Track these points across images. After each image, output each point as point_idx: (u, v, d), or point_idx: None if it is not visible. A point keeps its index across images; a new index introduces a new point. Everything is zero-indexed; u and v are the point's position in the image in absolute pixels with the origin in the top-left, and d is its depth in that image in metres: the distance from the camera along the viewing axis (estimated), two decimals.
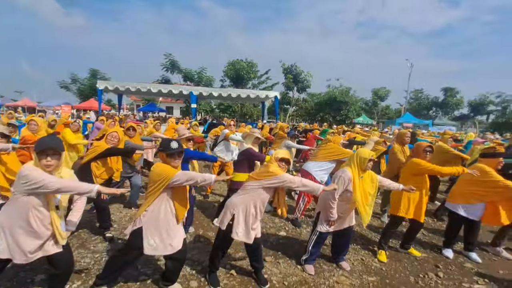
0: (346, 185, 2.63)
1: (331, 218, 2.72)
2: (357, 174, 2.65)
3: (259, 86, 34.11)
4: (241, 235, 2.46)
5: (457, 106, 30.81)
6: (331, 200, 2.67)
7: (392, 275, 2.95)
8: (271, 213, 4.70)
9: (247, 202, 2.45)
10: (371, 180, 2.74)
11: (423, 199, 3.07)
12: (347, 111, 28.39)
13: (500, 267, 3.20)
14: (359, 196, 2.62)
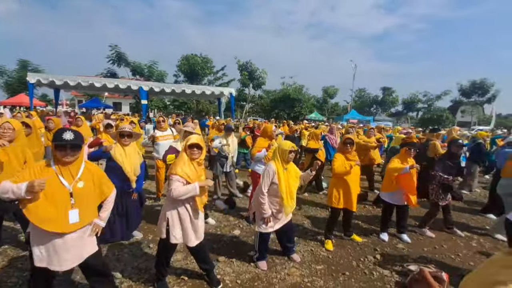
0: (272, 177, 2.72)
1: (265, 214, 2.76)
2: (281, 166, 2.76)
3: (215, 82, 33.59)
4: (179, 237, 2.37)
5: (393, 104, 34.71)
6: (260, 195, 2.74)
7: (337, 261, 3.18)
8: (226, 211, 4.67)
9: (176, 205, 2.34)
10: (295, 173, 2.89)
11: (352, 189, 3.35)
12: (300, 108, 29.72)
13: (425, 245, 3.70)
14: (284, 187, 2.72)
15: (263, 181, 2.79)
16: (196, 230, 2.42)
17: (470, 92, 31.19)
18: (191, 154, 2.35)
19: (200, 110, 35.10)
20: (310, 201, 5.40)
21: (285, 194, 2.77)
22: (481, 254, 3.52)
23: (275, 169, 2.78)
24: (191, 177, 2.30)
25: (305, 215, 4.61)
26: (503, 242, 3.86)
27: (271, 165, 2.81)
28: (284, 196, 2.77)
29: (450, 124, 30.17)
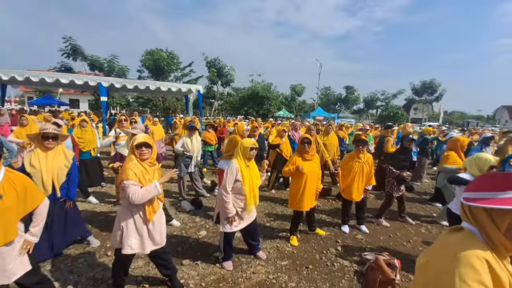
0: (235, 175, 2.73)
1: (229, 213, 2.74)
2: (243, 163, 2.78)
3: (183, 79, 32.61)
4: (136, 247, 2.22)
5: (355, 102, 36.74)
6: (224, 194, 2.72)
7: (302, 256, 3.28)
8: (192, 212, 4.57)
9: (130, 211, 2.20)
10: (257, 171, 2.94)
11: (306, 190, 3.40)
12: (269, 106, 30.07)
13: (381, 235, 3.97)
14: (248, 184, 2.75)
15: (227, 179, 2.75)
16: (153, 237, 2.30)
17: (421, 91, 34.30)
18: (140, 155, 2.19)
19: (167, 107, 33.80)
20: (277, 198, 5.49)
21: (248, 191, 2.78)
22: (428, 240, 3.89)
23: (238, 167, 2.77)
24: (145, 180, 2.17)
25: (272, 212, 4.68)
26: (447, 227, 4.30)
27: (234, 163, 2.80)
28: (247, 194, 2.78)
29: (404, 120, 32.81)
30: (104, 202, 4.84)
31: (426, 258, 1.05)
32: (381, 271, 2.65)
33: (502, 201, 0.91)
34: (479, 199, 0.96)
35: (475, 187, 1.01)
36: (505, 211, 0.90)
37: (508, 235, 0.90)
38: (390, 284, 2.56)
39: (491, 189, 0.95)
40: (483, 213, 0.95)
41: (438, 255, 1.01)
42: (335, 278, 2.84)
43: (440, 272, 0.95)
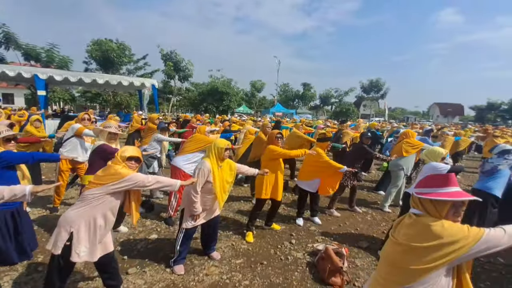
0: (207, 176, 2.64)
1: (195, 212, 2.68)
2: (215, 164, 2.70)
3: (136, 72, 30.64)
4: (84, 255, 2.03)
5: (312, 98, 38.43)
6: (193, 194, 2.61)
7: (257, 252, 3.27)
8: (142, 215, 4.25)
9: (91, 215, 2.03)
10: (230, 168, 2.87)
11: (278, 180, 3.52)
12: (229, 102, 29.78)
13: (332, 225, 4.18)
14: (218, 185, 2.69)
15: (197, 180, 2.62)
16: (105, 242, 2.17)
17: (369, 89, 37.35)
18: (129, 167, 2.17)
19: (118, 103, 31.44)
20: (234, 195, 5.43)
21: (219, 191, 2.73)
22: (374, 225, 4.20)
23: (210, 168, 2.68)
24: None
25: (228, 209, 4.60)
26: (389, 213, 4.71)
27: (206, 164, 2.69)
28: (218, 194, 2.73)
29: (355, 116, 35.40)
30: (39, 207, 4.27)
31: (402, 242, 1.25)
32: (330, 260, 2.76)
33: (442, 194, 1.21)
34: (427, 193, 1.25)
35: (424, 184, 1.31)
36: (444, 202, 1.20)
37: (446, 217, 1.21)
38: (338, 272, 2.68)
39: (435, 186, 1.26)
40: (429, 203, 1.24)
41: (416, 235, 1.21)
42: (288, 272, 2.88)
43: (429, 243, 1.15)
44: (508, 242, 1.11)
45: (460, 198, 1.18)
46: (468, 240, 1.10)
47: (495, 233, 1.12)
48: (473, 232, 1.12)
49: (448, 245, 1.10)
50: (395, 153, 4.84)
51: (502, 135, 8.52)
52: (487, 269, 3.07)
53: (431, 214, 1.23)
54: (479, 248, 1.09)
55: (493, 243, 1.10)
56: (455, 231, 1.12)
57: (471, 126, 17.19)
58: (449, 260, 1.11)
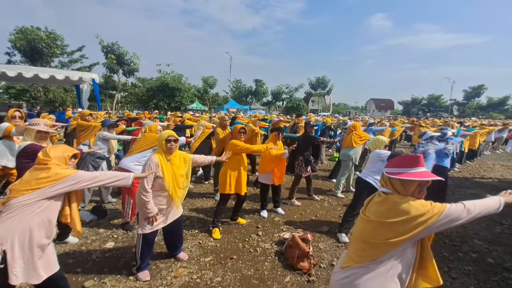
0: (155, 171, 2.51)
1: (149, 213, 2.50)
2: (163, 157, 2.58)
3: (71, 65, 27.30)
4: (21, 276, 1.71)
5: (264, 94, 39.34)
6: (142, 193, 2.46)
7: (226, 247, 3.25)
8: (94, 221, 3.86)
9: (24, 227, 1.70)
10: (183, 160, 2.74)
11: (242, 175, 3.54)
12: (181, 98, 28.60)
13: (295, 214, 4.38)
14: (170, 179, 2.56)
15: (146, 176, 2.44)
16: (48, 259, 1.88)
17: (316, 86, 39.92)
18: (68, 166, 1.95)
19: (51, 100, 27.66)
20: (196, 192, 5.28)
21: (171, 186, 2.57)
22: (331, 211, 4.54)
23: (158, 162, 2.52)
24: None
25: (191, 208, 4.46)
26: (342, 199, 5.15)
27: (153, 158, 2.54)
28: (171, 189, 2.56)
29: (305, 111, 37.42)
30: None
31: (373, 219, 1.39)
32: (298, 247, 2.90)
33: (410, 174, 1.34)
34: (397, 173, 1.38)
35: (394, 164, 1.43)
36: (411, 181, 1.33)
37: (412, 195, 1.35)
38: (306, 257, 2.84)
39: (405, 166, 1.38)
40: (398, 182, 1.37)
41: (386, 212, 1.34)
42: (258, 263, 2.94)
43: (400, 218, 1.28)
44: (467, 217, 1.27)
45: (426, 178, 1.32)
46: (433, 214, 1.24)
47: (456, 207, 1.28)
48: (436, 206, 1.27)
49: (416, 218, 1.25)
50: (346, 144, 5.29)
51: (426, 125, 10.03)
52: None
53: (399, 192, 1.37)
54: (442, 221, 1.24)
55: (454, 216, 1.25)
56: (421, 206, 1.27)
57: (400, 119, 19.80)
58: (416, 233, 1.25)
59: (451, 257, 3.13)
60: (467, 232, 3.81)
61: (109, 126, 4.33)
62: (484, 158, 10.47)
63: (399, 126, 10.34)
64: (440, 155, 4.96)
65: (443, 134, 5.12)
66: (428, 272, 1.39)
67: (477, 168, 8.60)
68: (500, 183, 6.73)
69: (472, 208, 1.28)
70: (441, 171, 4.94)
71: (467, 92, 50.34)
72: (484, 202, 1.34)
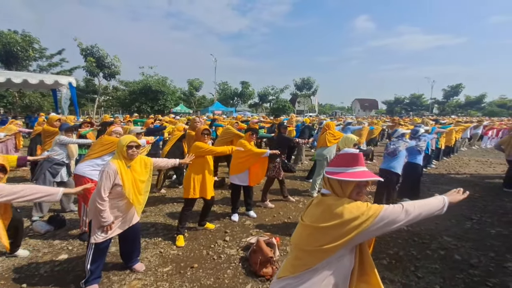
0: (113, 179, 2.33)
1: (104, 222, 2.33)
2: (123, 164, 2.41)
3: (50, 69, 26.41)
4: None
5: (251, 96, 39.23)
6: (98, 201, 2.28)
7: (188, 255, 3.07)
8: (49, 233, 3.60)
9: None
10: (144, 166, 2.59)
11: (207, 178, 3.38)
12: (165, 101, 28.08)
13: (267, 216, 4.25)
14: (130, 187, 2.41)
15: (102, 184, 2.29)
16: None
17: (302, 87, 40.15)
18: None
19: (27, 105, 26.60)
20: (168, 197, 5.07)
21: (132, 194, 2.42)
22: None
23: (117, 168, 2.35)
24: None
25: (159, 214, 4.25)
26: None
27: (111, 165, 2.36)
28: (132, 196, 2.41)
29: (291, 112, 37.55)
30: None
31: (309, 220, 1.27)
32: (261, 252, 2.76)
33: (347, 174, 1.23)
34: (335, 173, 1.26)
35: (333, 163, 1.31)
36: (348, 182, 1.22)
37: (350, 196, 1.24)
38: (269, 262, 2.71)
39: (343, 165, 1.26)
40: (336, 183, 1.26)
41: (320, 215, 1.23)
42: (220, 271, 2.78)
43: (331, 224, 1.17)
44: (405, 219, 1.15)
45: (363, 179, 1.20)
46: (368, 216, 1.13)
47: (393, 209, 1.16)
48: (372, 208, 1.15)
49: (349, 222, 1.13)
50: (320, 144, 5.23)
51: (405, 124, 10.20)
52: (394, 237, 3.54)
53: (337, 194, 1.26)
54: (379, 224, 1.13)
55: (391, 218, 1.14)
56: (355, 209, 1.15)
57: (383, 118, 20.20)
58: (351, 237, 1.13)
59: (419, 256, 3.08)
60: (437, 229, 3.80)
61: (66, 130, 4.07)
62: (460, 154, 10.73)
63: (379, 125, 10.47)
64: (413, 152, 4.98)
65: (415, 132, 5.15)
66: (370, 279, 1.28)
67: (453, 164, 8.78)
68: (474, 178, 6.87)
69: (411, 209, 1.18)
70: (414, 168, 4.97)
71: (446, 91, 52.10)
72: (426, 202, 1.24)
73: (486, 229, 3.82)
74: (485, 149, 12.25)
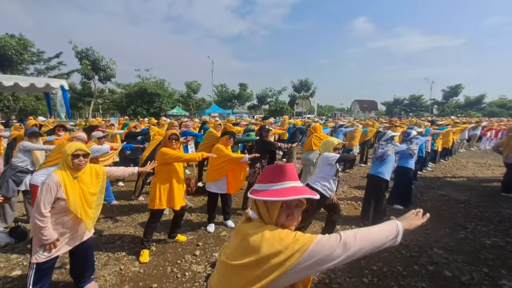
0: (55, 192, 2.06)
1: (46, 241, 2.07)
2: (67, 175, 2.14)
3: (48, 72, 26.36)
4: None
5: (249, 98, 39.01)
6: (37, 218, 2.01)
7: (150, 273, 2.78)
8: (10, 245, 3.33)
9: None
10: (95, 176, 2.33)
11: (174, 187, 3.09)
12: (161, 103, 27.89)
13: None
14: (76, 200, 2.14)
15: (41, 198, 2.03)
16: None
17: (300, 88, 39.87)
18: None
19: (21, 108, 26.45)
20: (145, 205, 4.78)
21: (79, 207, 2.16)
22: None
23: (59, 180, 2.09)
24: None
25: (130, 224, 3.97)
26: None
27: (53, 176, 2.10)
28: (79, 210, 2.15)
29: (290, 114, 37.31)
30: None
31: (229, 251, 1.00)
32: None
33: (271, 192, 0.94)
34: (259, 191, 0.97)
35: (260, 179, 1.04)
36: (273, 202, 0.93)
37: (278, 222, 0.95)
38: None
39: (268, 181, 0.99)
40: (262, 205, 0.97)
41: (235, 249, 0.95)
42: None
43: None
44: (343, 254, 0.87)
45: (289, 197, 0.91)
46: (293, 252, 0.85)
47: (328, 242, 0.88)
48: (300, 240, 0.87)
49: (268, 259, 0.85)
50: (306, 147, 4.96)
51: (401, 124, 9.90)
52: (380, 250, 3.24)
53: (263, 219, 0.98)
54: (307, 262, 0.84)
55: (324, 254, 0.85)
56: (278, 241, 0.87)
57: (381, 119, 19.90)
58: (270, 281, 0.84)
59: (404, 272, 2.79)
60: (428, 240, 3.51)
61: (29, 135, 3.81)
62: (458, 156, 10.44)
63: (374, 127, 10.17)
64: (404, 156, 4.71)
65: (407, 134, 4.88)
66: None
67: (450, 166, 8.48)
68: (470, 182, 6.58)
69: (351, 242, 0.89)
70: (405, 172, 4.69)
71: (446, 92, 51.71)
72: (373, 232, 0.95)
73: (481, 240, 3.52)
74: (484, 150, 11.95)
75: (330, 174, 3.14)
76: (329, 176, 3.13)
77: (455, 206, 4.74)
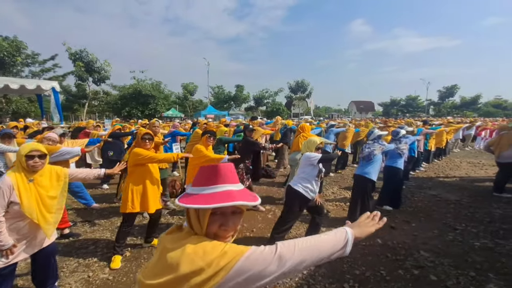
0: (8, 196, 1.93)
1: (2, 247, 1.95)
2: (22, 177, 2.00)
3: (43, 75, 26.23)
4: None
5: (245, 100, 38.92)
6: None
7: (119, 281, 2.63)
8: None
9: None
10: (56, 178, 2.18)
11: (148, 190, 2.94)
12: (156, 105, 27.72)
13: None
14: (31, 205, 1.99)
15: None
16: None
17: (296, 89, 39.92)
18: None
19: (14, 110, 26.21)
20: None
21: (36, 212, 2.01)
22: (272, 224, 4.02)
23: (13, 184, 1.96)
24: None
25: (107, 228, 3.81)
26: None
27: (6, 179, 1.96)
28: (36, 215, 2.01)
29: (286, 115, 37.28)
30: None
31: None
32: None
33: (202, 198, 0.80)
34: (189, 196, 0.84)
35: (193, 181, 0.90)
36: (204, 210, 0.79)
37: (209, 231, 0.81)
38: None
39: (201, 184, 0.85)
40: (193, 213, 0.83)
41: (153, 267, 0.80)
42: None
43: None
44: (279, 270, 0.74)
45: (221, 204, 0.76)
46: (217, 269, 0.71)
47: (261, 255, 0.75)
48: (228, 255, 0.73)
49: (188, 278, 0.71)
50: (293, 148, 4.83)
51: (394, 125, 9.81)
52: (365, 253, 3.12)
53: (193, 228, 0.84)
54: (235, 280, 0.71)
55: (256, 271, 0.72)
56: (200, 256, 0.72)
57: (377, 120, 19.87)
58: None
59: (388, 277, 2.66)
60: (415, 242, 3.38)
61: (3, 137, 3.66)
62: (452, 156, 10.36)
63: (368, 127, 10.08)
64: (393, 156, 4.59)
65: (396, 133, 4.77)
66: None
67: (443, 166, 8.39)
68: (463, 182, 6.48)
69: (288, 255, 0.75)
70: (394, 172, 4.57)
71: (442, 92, 51.93)
72: (316, 241, 0.82)
73: (470, 241, 3.40)
74: (479, 150, 11.89)
75: (312, 175, 3.01)
76: (311, 177, 3.00)
77: (446, 207, 4.63)
